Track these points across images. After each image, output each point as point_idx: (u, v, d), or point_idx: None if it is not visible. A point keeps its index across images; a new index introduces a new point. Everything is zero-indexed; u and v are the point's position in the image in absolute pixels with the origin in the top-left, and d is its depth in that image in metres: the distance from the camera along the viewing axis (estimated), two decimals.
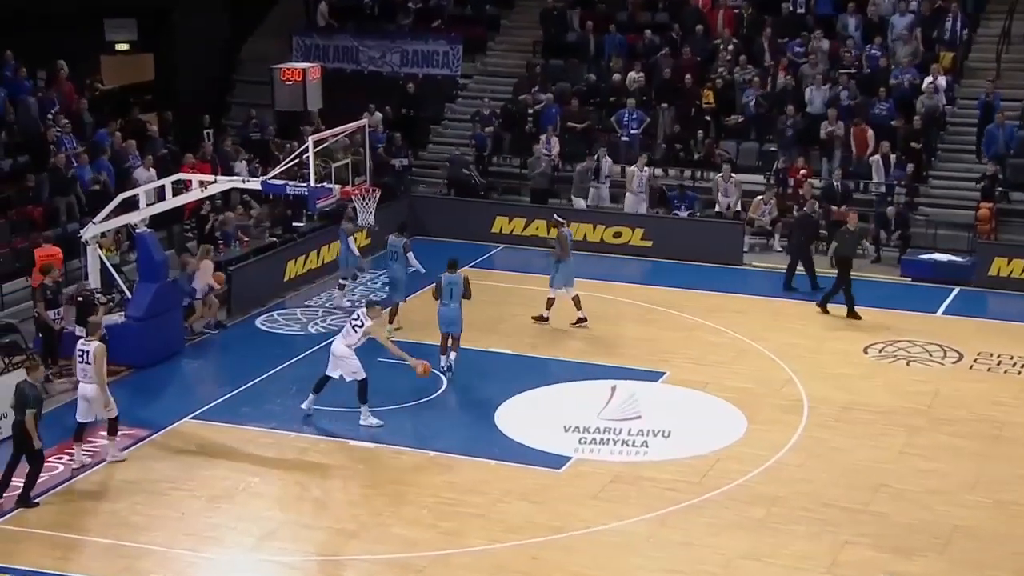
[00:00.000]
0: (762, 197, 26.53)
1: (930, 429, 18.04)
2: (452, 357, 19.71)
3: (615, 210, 27.26)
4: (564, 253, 21.86)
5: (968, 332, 21.98)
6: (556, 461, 16.89)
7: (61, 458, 16.67)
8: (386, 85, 31.23)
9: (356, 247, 23.42)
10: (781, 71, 28.68)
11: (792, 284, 23.88)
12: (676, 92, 29.05)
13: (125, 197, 20.82)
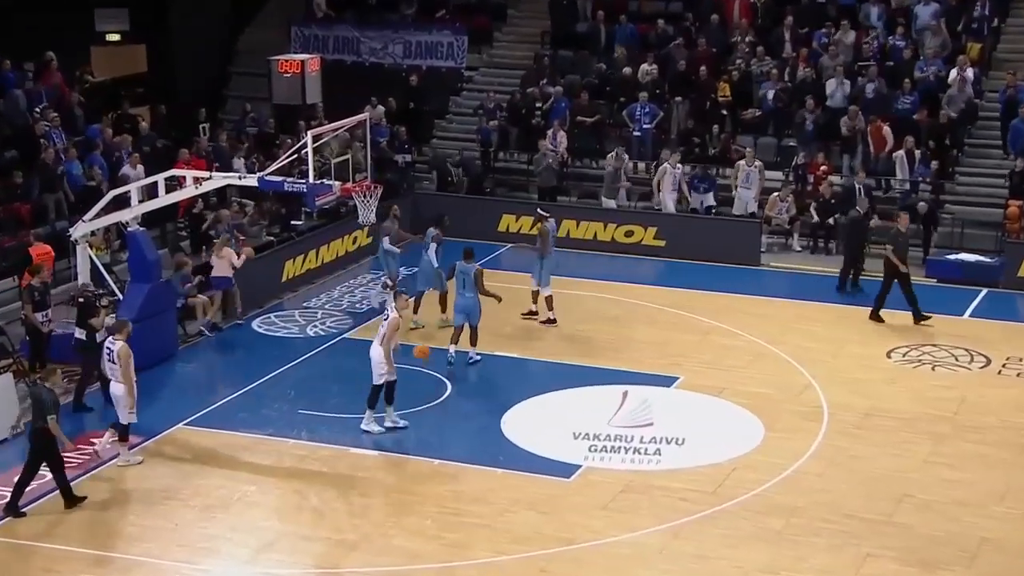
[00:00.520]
0: (779, 194, 26.50)
1: (956, 437, 18.00)
2: (471, 352, 20.03)
3: (624, 208, 27.20)
4: (546, 248, 21.96)
5: (996, 335, 21.92)
6: (565, 470, 16.87)
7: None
8: (388, 78, 31.24)
9: (395, 251, 22.87)
10: (801, 63, 28.65)
11: (847, 287, 23.79)
12: (691, 85, 29.04)
13: (116, 194, 20.83)
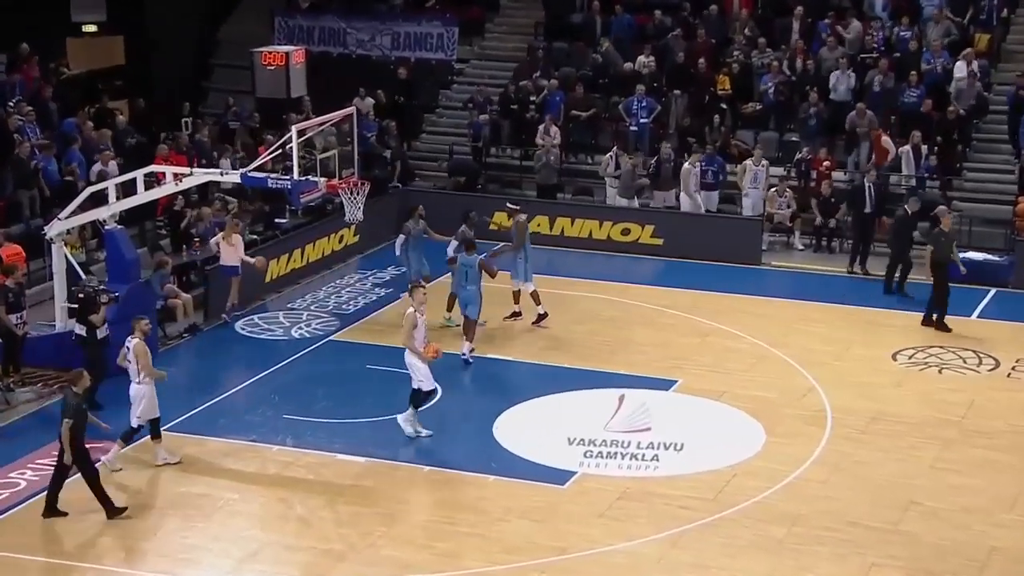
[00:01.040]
0: (776, 188, 26.53)
1: (964, 442, 18.02)
2: (464, 348, 20.18)
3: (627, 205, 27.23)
4: (521, 242, 21.99)
5: (1005, 337, 21.96)
6: (560, 476, 16.87)
7: (23, 473, 16.69)
8: (376, 70, 31.21)
9: (416, 254, 22.42)
10: (799, 54, 28.68)
11: (892, 289, 23.74)
12: (689, 78, 29.06)
13: (93, 191, 20.80)
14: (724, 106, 28.59)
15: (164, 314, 21.40)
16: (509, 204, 22.97)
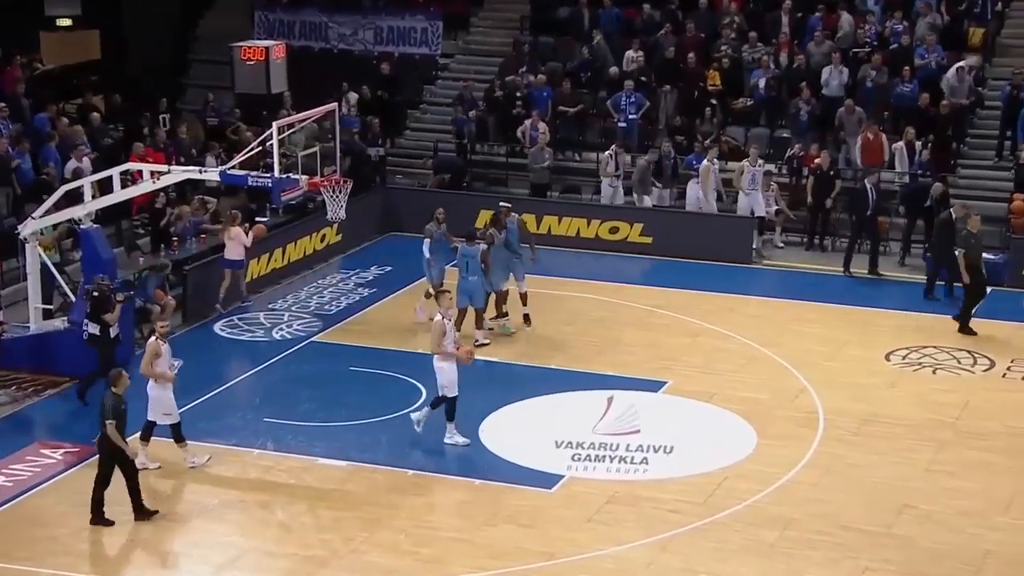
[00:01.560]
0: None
1: (959, 444, 18.09)
2: (478, 335, 20.64)
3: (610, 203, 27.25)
4: (525, 237, 22.17)
5: (1001, 337, 22.03)
6: (547, 480, 16.90)
7: None
8: (358, 65, 31.17)
9: (437, 257, 22.14)
10: (783, 48, 28.72)
11: (933, 293, 23.71)
12: (679, 73, 29.09)
13: (68, 189, 20.75)
14: (714, 102, 28.57)
15: (141, 316, 21.33)
16: (502, 204, 22.87)
